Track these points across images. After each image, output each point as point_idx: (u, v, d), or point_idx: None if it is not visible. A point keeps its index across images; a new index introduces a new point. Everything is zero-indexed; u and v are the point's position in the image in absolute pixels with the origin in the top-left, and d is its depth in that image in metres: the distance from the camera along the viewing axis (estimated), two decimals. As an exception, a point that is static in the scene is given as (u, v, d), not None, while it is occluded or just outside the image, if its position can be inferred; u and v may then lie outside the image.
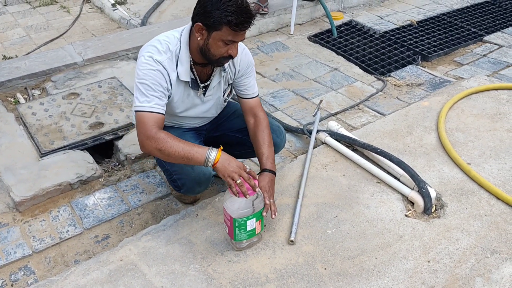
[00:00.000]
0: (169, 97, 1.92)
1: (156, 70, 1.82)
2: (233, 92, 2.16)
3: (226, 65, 1.95)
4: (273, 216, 1.89)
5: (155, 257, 1.90)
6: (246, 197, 1.77)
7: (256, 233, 1.90)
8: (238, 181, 1.75)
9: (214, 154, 1.77)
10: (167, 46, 1.86)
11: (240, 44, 1.91)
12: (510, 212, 2.08)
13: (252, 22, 1.77)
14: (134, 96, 1.86)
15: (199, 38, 1.81)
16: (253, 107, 2.11)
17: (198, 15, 1.79)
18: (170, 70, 1.85)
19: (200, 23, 1.78)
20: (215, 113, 2.17)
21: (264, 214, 1.88)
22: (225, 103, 2.17)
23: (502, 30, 4.15)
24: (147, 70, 1.82)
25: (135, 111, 1.84)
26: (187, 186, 2.00)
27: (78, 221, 2.26)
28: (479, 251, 1.91)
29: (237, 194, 1.77)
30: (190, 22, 1.87)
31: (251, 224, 1.85)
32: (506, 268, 1.83)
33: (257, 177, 1.84)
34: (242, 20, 1.72)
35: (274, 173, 2.01)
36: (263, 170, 2.00)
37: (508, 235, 1.97)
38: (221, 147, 1.82)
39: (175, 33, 1.91)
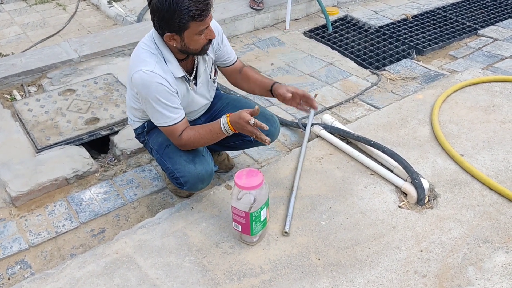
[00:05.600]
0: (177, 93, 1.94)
1: (156, 83, 1.83)
2: (218, 72, 2.20)
3: None
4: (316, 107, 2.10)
5: (150, 249, 1.92)
6: (266, 142, 1.85)
7: (267, 221, 1.93)
8: (252, 122, 1.81)
9: (225, 120, 1.87)
10: (148, 52, 1.87)
11: None
12: (503, 202, 2.10)
13: (210, 0, 1.76)
14: (150, 113, 1.94)
15: (174, 45, 1.83)
16: (238, 67, 2.19)
17: (161, 27, 1.79)
18: (164, 73, 1.86)
19: (167, 33, 1.79)
20: (210, 98, 2.19)
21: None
22: (215, 84, 2.19)
23: (496, 24, 4.16)
24: (150, 86, 1.83)
25: (160, 127, 1.96)
26: (190, 183, 2.01)
27: (74, 215, 2.28)
28: (471, 240, 1.93)
29: (264, 140, 1.85)
30: (152, 30, 1.89)
31: (264, 213, 1.88)
32: (498, 257, 1.85)
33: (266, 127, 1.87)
34: (202, 6, 1.72)
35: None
36: (272, 85, 2.10)
37: (500, 225, 1.99)
38: (228, 114, 1.90)
39: (147, 41, 1.91)
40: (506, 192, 2.10)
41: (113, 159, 2.66)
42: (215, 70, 2.15)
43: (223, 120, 1.87)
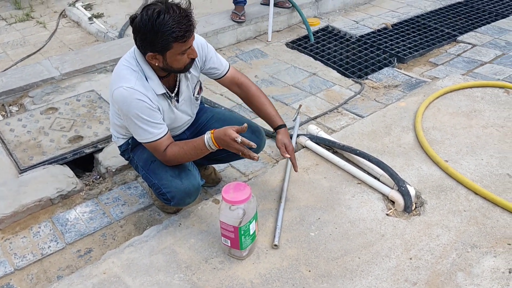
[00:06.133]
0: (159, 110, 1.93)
1: (136, 99, 1.82)
2: (202, 89, 2.18)
3: None
4: (297, 170, 2.15)
5: (138, 268, 1.89)
6: (255, 159, 1.86)
7: (256, 235, 1.92)
8: (239, 140, 1.79)
9: (208, 136, 1.86)
10: (129, 69, 1.86)
11: None
12: (488, 206, 2.12)
13: (193, 21, 1.76)
14: (132, 130, 1.93)
15: (157, 64, 1.83)
16: (233, 78, 2.16)
17: (143, 46, 1.79)
18: (145, 90, 1.85)
19: (150, 53, 1.78)
20: (192, 114, 2.18)
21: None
22: (198, 101, 2.18)
23: (475, 30, 4.24)
24: (131, 103, 1.82)
25: (144, 143, 1.93)
26: (177, 199, 1.99)
27: (60, 236, 2.24)
28: (459, 246, 1.94)
29: (253, 157, 1.85)
30: (134, 47, 1.88)
31: (253, 227, 1.87)
32: (486, 262, 1.86)
33: (254, 145, 1.86)
34: (184, 28, 1.72)
35: (286, 126, 2.16)
36: (278, 127, 2.13)
37: (487, 229, 2.01)
38: (212, 130, 1.89)
39: (128, 57, 1.90)
40: (491, 196, 2.12)
41: (98, 177, 2.63)
42: (200, 88, 2.14)
43: (207, 137, 1.86)
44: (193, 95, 2.09)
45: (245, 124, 1.83)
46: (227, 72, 2.15)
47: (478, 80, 3.25)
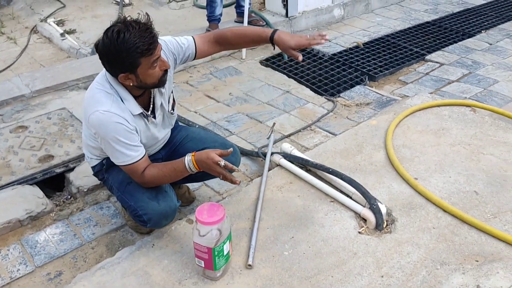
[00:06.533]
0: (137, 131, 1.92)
1: (114, 122, 1.81)
2: (176, 102, 2.16)
3: None
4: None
5: (110, 291, 1.86)
6: (236, 183, 1.84)
7: (230, 255, 1.92)
8: (222, 163, 1.79)
9: (189, 159, 1.86)
10: (103, 92, 1.85)
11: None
12: (456, 223, 2.18)
13: (155, 33, 1.76)
14: (109, 153, 1.91)
15: (131, 84, 1.82)
16: (203, 43, 2.07)
17: (113, 69, 1.79)
18: (122, 112, 1.84)
19: (121, 74, 1.78)
20: (169, 129, 2.18)
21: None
22: (174, 114, 2.16)
23: (442, 49, 4.38)
24: (108, 127, 1.81)
25: (121, 165, 1.91)
26: (154, 221, 1.98)
27: (29, 259, 2.19)
28: (429, 263, 1.98)
29: (235, 181, 1.84)
30: (104, 70, 1.87)
31: (227, 247, 1.86)
32: (455, 279, 1.90)
33: (237, 169, 1.87)
34: (148, 40, 1.71)
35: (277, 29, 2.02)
36: (272, 34, 1.97)
37: (455, 246, 2.06)
38: (193, 153, 1.88)
39: (100, 80, 1.89)
40: (459, 213, 2.18)
41: (69, 197, 2.58)
42: (174, 101, 2.14)
43: (188, 159, 1.86)
44: (168, 110, 2.09)
45: (230, 149, 1.85)
46: (195, 40, 2.06)
47: (445, 98, 3.35)
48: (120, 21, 1.75)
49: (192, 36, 2.07)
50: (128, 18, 1.76)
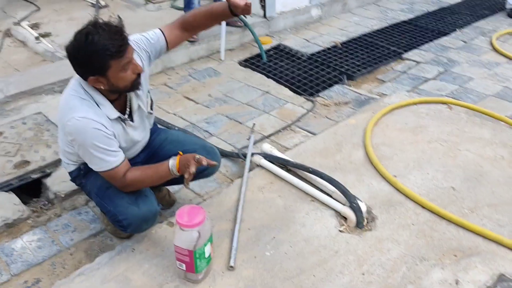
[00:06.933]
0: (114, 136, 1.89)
1: (92, 128, 1.78)
2: (154, 102, 2.14)
3: None
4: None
5: (90, 298, 1.83)
6: (212, 164, 1.86)
7: (212, 257, 1.90)
8: (191, 170, 1.79)
9: (173, 163, 1.86)
10: (78, 98, 1.82)
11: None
12: (435, 219, 2.21)
13: (126, 35, 1.73)
14: (88, 160, 1.88)
15: (102, 87, 1.79)
16: (171, 31, 2.03)
17: (83, 72, 1.76)
18: (99, 117, 1.81)
19: (91, 77, 1.75)
20: (148, 130, 2.16)
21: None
22: (152, 115, 2.14)
23: (419, 47, 4.44)
24: (86, 133, 1.78)
25: (100, 172, 1.88)
26: (134, 225, 1.95)
27: (5, 267, 2.13)
28: (409, 259, 2.00)
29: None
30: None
31: (208, 249, 1.85)
32: (434, 274, 1.93)
33: (210, 163, 1.87)
34: (118, 42, 1.69)
35: None
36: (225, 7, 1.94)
37: (434, 242, 2.09)
38: (181, 153, 1.88)
39: (74, 86, 1.85)
40: (437, 209, 2.21)
41: (47, 203, 2.53)
42: (151, 100, 2.11)
43: (172, 163, 1.86)
44: (147, 111, 2.07)
45: (216, 162, 1.89)
46: (164, 35, 2.02)
47: (423, 96, 3.40)
48: (91, 23, 1.72)
49: (159, 28, 2.05)
50: (100, 21, 1.73)
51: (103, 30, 1.68)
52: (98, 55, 1.68)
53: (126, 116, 1.96)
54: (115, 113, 1.88)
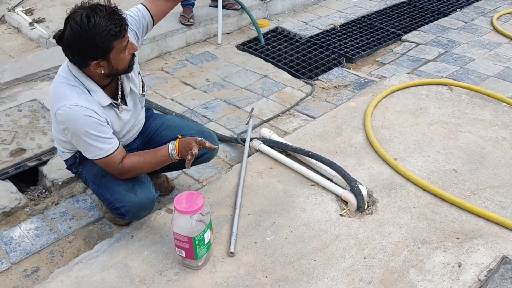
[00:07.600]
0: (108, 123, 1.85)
1: (84, 116, 1.74)
2: (145, 84, 2.11)
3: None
4: None
5: (89, 286, 1.81)
6: (213, 148, 1.87)
7: (211, 243, 1.89)
8: (194, 151, 1.79)
9: (173, 146, 1.85)
10: (68, 85, 1.77)
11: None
12: (436, 202, 2.19)
13: (121, 12, 1.71)
14: (82, 148, 1.85)
15: (102, 71, 1.75)
16: (153, 3, 2.01)
17: (83, 58, 1.71)
18: (90, 104, 1.77)
19: (93, 62, 1.70)
20: (141, 112, 2.12)
21: None
22: (145, 96, 2.10)
23: (418, 29, 4.38)
24: (78, 121, 1.74)
25: (95, 160, 1.85)
26: (132, 213, 1.93)
27: (4, 255, 2.12)
28: (410, 242, 1.98)
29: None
30: (67, 61, 1.80)
31: (207, 236, 1.83)
32: (437, 257, 1.92)
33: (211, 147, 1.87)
34: (118, 22, 1.67)
35: None
36: None
37: (436, 224, 2.07)
38: (180, 136, 1.88)
39: (63, 73, 1.81)
40: (439, 192, 2.19)
41: (44, 191, 2.51)
42: (142, 81, 2.07)
43: (172, 147, 1.85)
44: (139, 93, 2.02)
45: (215, 146, 1.90)
46: (148, 9, 1.99)
47: (423, 78, 3.36)
48: (83, 6, 1.67)
49: (142, 3, 2.02)
50: (92, 3, 1.69)
51: (101, 11, 1.65)
52: (102, 36, 1.64)
53: (119, 100, 1.93)
54: (107, 100, 1.84)
